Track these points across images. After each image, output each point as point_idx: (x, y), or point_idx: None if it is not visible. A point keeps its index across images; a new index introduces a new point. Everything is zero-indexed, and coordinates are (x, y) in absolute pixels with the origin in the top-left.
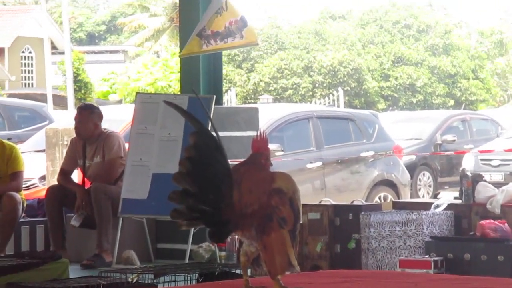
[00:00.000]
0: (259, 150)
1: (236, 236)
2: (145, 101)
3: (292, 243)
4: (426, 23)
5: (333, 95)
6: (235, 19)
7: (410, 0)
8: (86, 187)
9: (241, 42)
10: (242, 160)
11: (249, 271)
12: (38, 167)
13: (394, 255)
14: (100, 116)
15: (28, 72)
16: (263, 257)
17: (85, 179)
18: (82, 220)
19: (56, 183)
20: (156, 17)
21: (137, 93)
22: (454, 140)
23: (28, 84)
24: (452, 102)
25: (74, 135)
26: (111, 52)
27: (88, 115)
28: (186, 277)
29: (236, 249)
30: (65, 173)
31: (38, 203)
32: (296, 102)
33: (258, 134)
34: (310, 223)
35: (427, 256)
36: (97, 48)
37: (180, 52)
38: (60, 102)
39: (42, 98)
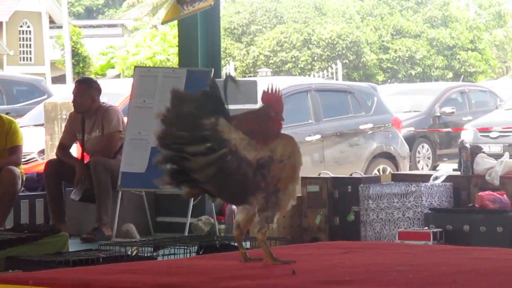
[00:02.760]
0: (268, 103)
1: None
2: (143, 75)
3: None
4: None
5: (331, 68)
6: None
7: None
8: (85, 161)
9: (202, 5)
10: None
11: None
12: (37, 141)
13: (393, 227)
14: (98, 90)
15: (26, 47)
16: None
17: (84, 153)
18: (82, 194)
19: (55, 157)
20: None
21: (135, 67)
22: (453, 112)
23: (26, 58)
24: (451, 74)
25: (73, 109)
26: (109, 26)
27: (85, 88)
28: (185, 250)
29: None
30: (63, 147)
31: (37, 177)
32: (295, 75)
33: (269, 87)
34: (309, 196)
35: (426, 227)
36: (95, 22)
37: (162, 20)
38: (58, 80)
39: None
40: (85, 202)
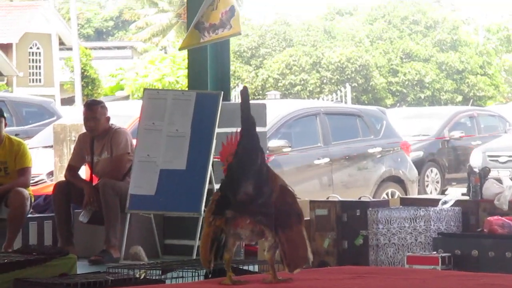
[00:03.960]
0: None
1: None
2: (152, 97)
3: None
4: (434, 18)
5: (341, 91)
6: (225, 10)
7: None
8: (93, 183)
9: (228, 33)
10: None
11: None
12: (46, 163)
13: (403, 251)
14: (107, 111)
15: (36, 68)
16: (285, 251)
17: (93, 175)
18: (90, 216)
19: (63, 179)
20: (164, 12)
21: (144, 89)
22: (462, 137)
23: (36, 79)
24: (460, 98)
25: (82, 131)
26: (118, 48)
27: (99, 110)
28: (193, 273)
29: (243, 245)
30: (72, 169)
31: (44, 200)
32: (304, 98)
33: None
34: (318, 219)
35: (434, 252)
36: (105, 44)
37: (179, 46)
38: (66, 102)
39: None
40: (94, 224)
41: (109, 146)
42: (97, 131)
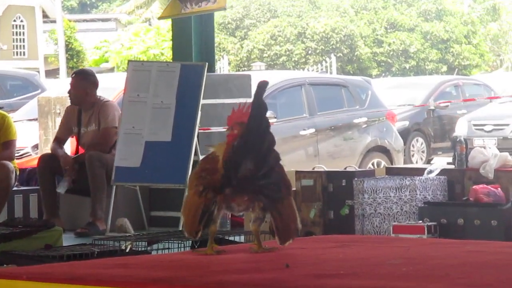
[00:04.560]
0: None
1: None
2: (137, 69)
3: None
4: None
5: (326, 61)
6: None
7: None
8: (76, 154)
9: (212, 7)
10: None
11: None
12: (31, 136)
13: (388, 221)
14: (94, 84)
15: (20, 41)
16: (277, 225)
17: (79, 146)
18: (71, 188)
19: (48, 151)
20: None
21: (129, 61)
22: (447, 106)
23: (20, 52)
24: (445, 68)
25: (67, 104)
26: (103, 20)
27: (79, 80)
28: (179, 244)
29: (229, 216)
30: (58, 141)
31: (28, 173)
32: (289, 69)
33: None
34: (304, 190)
35: (420, 221)
36: (89, 16)
37: (160, 15)
38: (51, 74)
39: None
40: (75, 194)
41: (97, 118)
42: (75, 100)
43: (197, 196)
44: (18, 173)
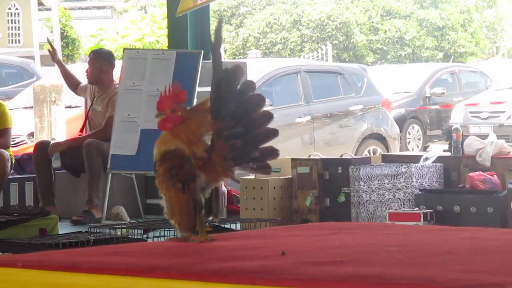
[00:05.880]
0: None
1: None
2: (132, 57)
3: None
4: None
5: (321, 49)
6: None
7: None
8: (82, 133)
9: None
10: None
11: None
12: (26, 124)
13: (384, 208)
14: (110, 63)
15: (15, 29)
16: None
17: (85, 124)
18: (61, 159)
19: (44, 139)
20: None
21: (124, 48)
22: (443, 93)
23: (15, 40)
24: (441, 55)
25: (62, 92)
26: (98, 8)
27: (95, 59)
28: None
29: (225, 204)
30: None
31: (20, 161)
32: (285, 56)
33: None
34: (300, 177)
35: (416, 208)
36: (84, 4)
37: (176, 11)
38: (46, 61)
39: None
40: (69, 172)
41: (106, 102)
42: (90, 79)
43: (180, 192)
44: (13, 161)
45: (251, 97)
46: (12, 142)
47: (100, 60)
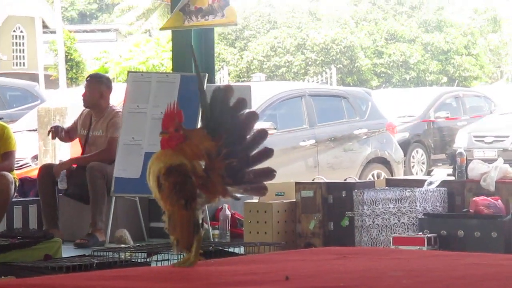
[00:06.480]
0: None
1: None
2: (137, 80)
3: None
4: None
5: (326, 73)
6: None
7: None
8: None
9: (222, 21)
10: None
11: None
12: (31, 147)
13: (388, 232)
14: (109, 87)
15: (20, 52)
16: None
17: (85, 147)
18: (73, 191)
19: (49, 162)
20: None
21: (128, 71)
22: (447, 117)
23: (20, 63)
24: (445, 79)
25: (66, 115)
26: (102, 31)
27: (95, 83)
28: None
29: (228, 227)
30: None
31: (23, 184)
32: (289, 80)
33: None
34: (303, 201)
35: (420, 233)
36: (89, 27)
37: (162, 26)
38: (50, 84)
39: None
40: (75, 199)
41: (105, 125)
42: (88, 103)
43: (184, 210)
44: (17, 184)
45: (245, 114)
46: (16, 165)
47: (100, 85)
